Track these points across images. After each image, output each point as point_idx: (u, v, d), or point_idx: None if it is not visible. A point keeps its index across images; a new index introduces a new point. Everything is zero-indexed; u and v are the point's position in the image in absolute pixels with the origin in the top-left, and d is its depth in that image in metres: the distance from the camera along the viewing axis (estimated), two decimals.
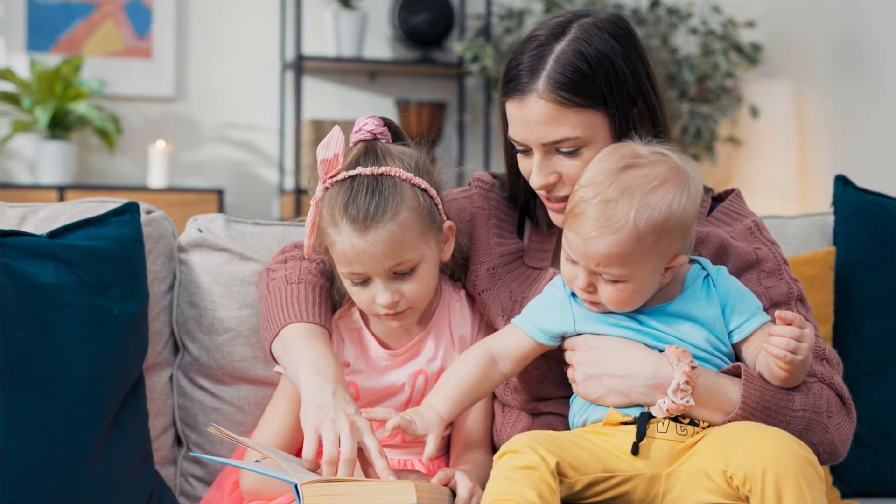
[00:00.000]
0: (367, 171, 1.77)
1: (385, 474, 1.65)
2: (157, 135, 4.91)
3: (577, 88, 1.76)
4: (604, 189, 1.67)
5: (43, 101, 4.60)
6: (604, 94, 1.78)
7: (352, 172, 1.78)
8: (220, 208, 4.69)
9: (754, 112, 4.61)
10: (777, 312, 1.65)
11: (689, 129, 4.60)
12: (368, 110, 4.88)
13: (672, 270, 1.72)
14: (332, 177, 1.79)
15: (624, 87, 1.79)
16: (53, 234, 1.96)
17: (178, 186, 4.85)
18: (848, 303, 2.24)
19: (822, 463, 1.77)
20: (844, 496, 2.16)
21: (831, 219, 2.33)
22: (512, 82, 1.81)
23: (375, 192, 1.75)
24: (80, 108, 4.60)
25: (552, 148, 1.80)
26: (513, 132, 1.83)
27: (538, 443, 1.61)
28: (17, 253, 1.89)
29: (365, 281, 1.79)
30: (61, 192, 4.55)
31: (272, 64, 5.10)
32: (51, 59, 4.79)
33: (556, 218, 1.87)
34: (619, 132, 1.80)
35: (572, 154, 1.79)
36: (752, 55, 4.67)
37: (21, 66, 4.77)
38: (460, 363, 1.80)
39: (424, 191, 1.80)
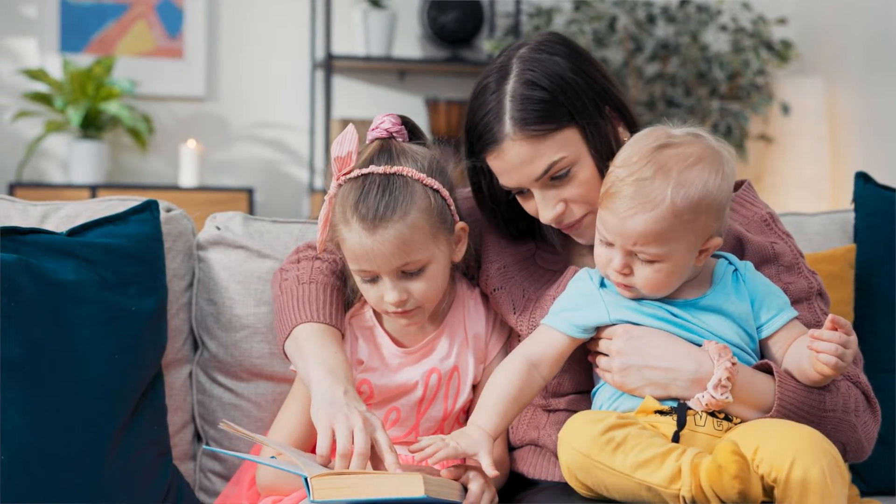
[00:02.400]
0: (380, 169, 1.78)
1: (394, 468, 1.66)
2: (188, 134, 4.95)
3: (543, 116, 1.78)
4: (639, 168, 1.67)
5: (75, 101, 4.65)
6: (569, 111, 1.79)
7: (365, 171, 1.79)
8: (250, 207, 4.72)
9: (785, 109, 4.58)
10: (830, 316, 1.64)
11: (719, 127, 4.58)
12: (398, 109, 4.85)
13: (706, 254, 1.72)
14: (345, 174, 1.80)
15: (584, 96, 1.80)
16: (73, 232, 1.98)
17: (208, 185, 4.88)
18: (868, 300, 2.22)
19: (847, 461, 1.77)
20: (864, 494, 2.14)
21: (852, 216, 2.31)
22: (482, 139, 1.82)
23: (386, 192, 1.76)
24: (112, 108, 4.65)
25: (546, 179, 1.81)
26: (504, 181, 1.84)
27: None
28: (37, 250, 1.91)
29: (374, 278, 1.80)
30: (93, 191, 4.59)
31: (302, 63, 5.12)
32: (84, 60, 4.84)
33: (579, 240, 1.88)
34: (595, 139, 1.81)
35: (566, 177, 1.80)
36: (782, 52, 4.64)
37: (54, 66, 4.82)
38: (499, 375, 1.78)
39: (436, 191, 1.81)
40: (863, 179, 2.30)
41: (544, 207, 1.82)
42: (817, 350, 1.65)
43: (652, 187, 1.66)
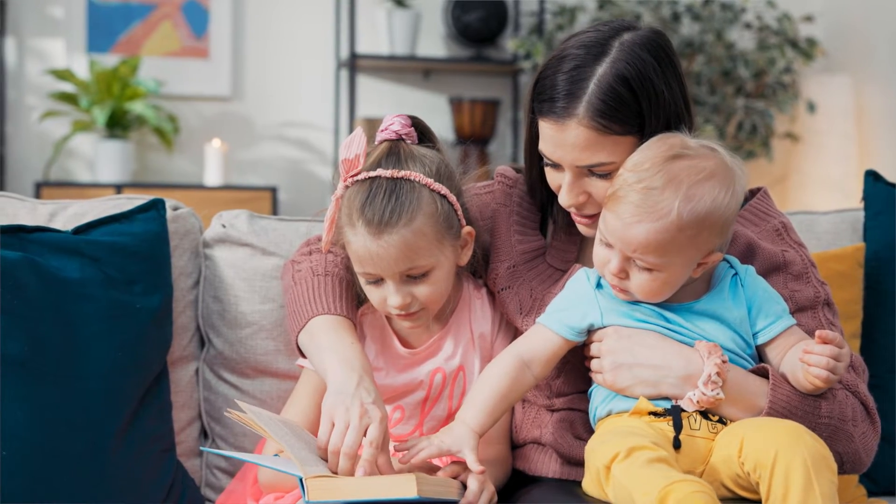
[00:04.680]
0: (387, 173, 1.78)
1: (368, 466, 1.66)
2: (213, 134, 4.98)
3: (618, 117, 1.73)
4: (649, 176, 1.66)
5: (101, 101, 4.69)
6: (642, 121, 1.74)
7: (372, 174, 1.78)
8: (274, 206, 4.74)
9: (811, 107, 4.55)
10: (818, 332, 1.64)
11: (744, 125, 4.55)
12: (422, 108, 4.90)
13: (704, 267, 1.71)
14: (352, 176, 1.80)
15: (662, 111, 1.75)
16: (79, 230, 2.00)
17: (233, 184, 4.91)
18: (877, 299, 2.20)
19: (845, 472, 1.75)
20: (872, 494, 2.13)
21: (862, 214, 2.29)
22: (548, 103, 1.77)
23: (392, 196, 1.75)
24: (138, 107, 4.68)
25: (585, 169, 1.78)
26: (546, 150, 1.80)
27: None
28: (42, 248, 1.93)
29: (378, 281, 1.80)
30: (119, 190, 4.63)
31: (327, 63, 5.14)
32: (110, 60, 4.88)
33: (584, 231, 1.86)
34: None
35: (604, 177, 1.77)
36: (807, 50, 4.61)
37: (81, 66, 4.87)
38: (489, 372, 1.78)
39: (444, 196, 1.80)
40: (872, 177, 2.28)
41: (568, 191, 1.79)
42: (808, 363, 1.65)
43: (660, 198, 1.64)
